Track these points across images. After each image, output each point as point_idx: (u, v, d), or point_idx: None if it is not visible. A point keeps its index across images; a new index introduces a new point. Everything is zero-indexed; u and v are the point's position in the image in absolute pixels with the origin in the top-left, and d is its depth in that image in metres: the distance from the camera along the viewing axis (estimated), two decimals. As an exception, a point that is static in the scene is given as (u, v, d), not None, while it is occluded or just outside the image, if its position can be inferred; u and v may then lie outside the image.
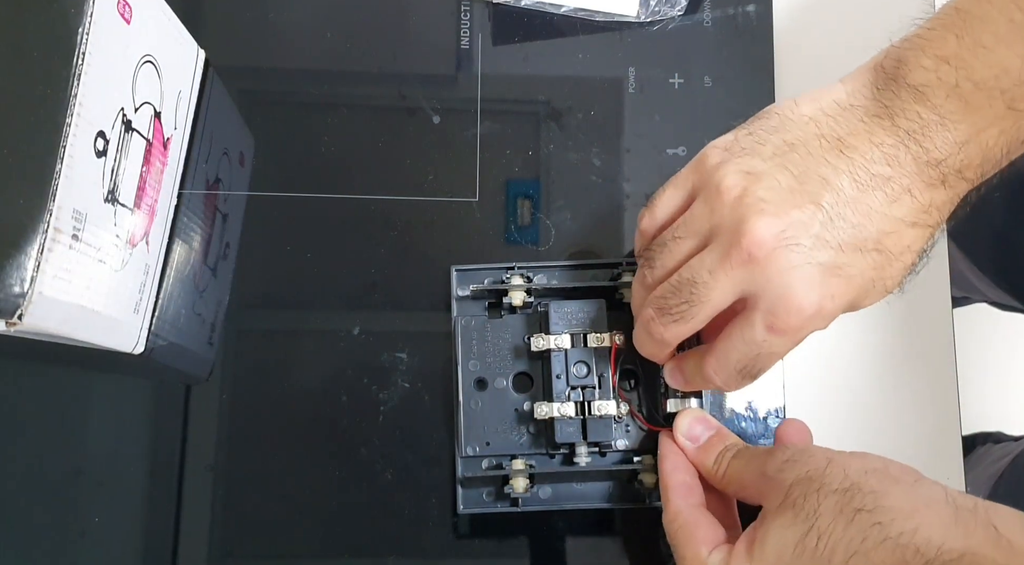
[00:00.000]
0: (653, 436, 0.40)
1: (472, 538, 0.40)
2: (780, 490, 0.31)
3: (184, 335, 0.41)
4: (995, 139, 0.31)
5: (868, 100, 0.32)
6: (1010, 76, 0.30)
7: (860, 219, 0.31)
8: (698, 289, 0.32)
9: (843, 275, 0.31)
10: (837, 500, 0.30)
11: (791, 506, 0.31)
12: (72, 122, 0.30)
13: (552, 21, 0.45)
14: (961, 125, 0.30)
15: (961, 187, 0.31)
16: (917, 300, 0.43)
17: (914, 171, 0.31)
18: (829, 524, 0.29)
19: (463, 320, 0.40)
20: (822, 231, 0.31)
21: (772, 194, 0.31)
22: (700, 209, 0.33)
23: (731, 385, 0.34)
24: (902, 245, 0.31)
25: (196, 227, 0.42)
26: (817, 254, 0.31)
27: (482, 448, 0.39)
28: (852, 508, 0.29)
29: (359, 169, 0.43)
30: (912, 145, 0.31)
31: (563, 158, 0.44)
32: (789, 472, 0.32)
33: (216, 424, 0.41)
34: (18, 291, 0.29)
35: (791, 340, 0.32)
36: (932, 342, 0.43)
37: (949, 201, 0.32)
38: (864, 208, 0.31)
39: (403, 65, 0.45)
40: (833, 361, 0.43)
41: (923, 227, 0.32)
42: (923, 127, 0.31)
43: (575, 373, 0.38)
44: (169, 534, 0.40)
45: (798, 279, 0.30)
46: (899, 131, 0.31)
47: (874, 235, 0.31)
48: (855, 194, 0.31)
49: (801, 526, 0.30)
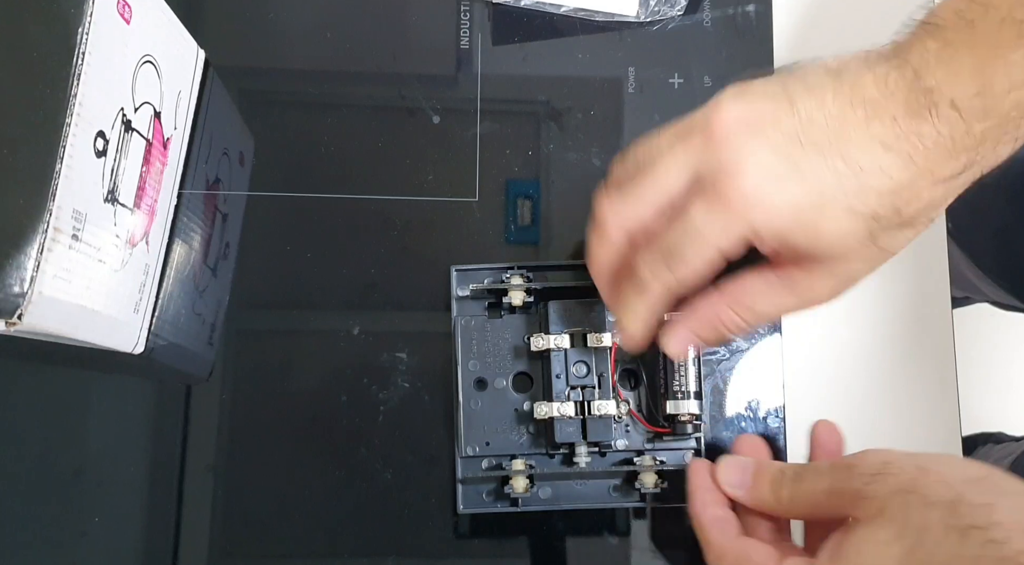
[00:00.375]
0: (653, 436, 0.40)
1: (472, 538, 0.40)
2: (873, 503, 0.29)
3: (184, 335, 0.41)
4: (1001, 73, 0.29)
5: (887, 45, 0.31)
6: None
7: (832, 126, 0.30)
8: (654, 161, 0.31)
9: (794, 167, 0.30)
10: (945, 513, 0.28)
11: (892, 520, 0.29)
12: (72, 122, 0.30)
13: (552, 21, 0.45)
14: (965, 53, 0.29)
15: (956, 127, 0.29)
16: (917, 300, 0.43)
17: (902, 98, 0.30)
18: (939, 539, 0.27)
19: (463, 320, 0.40)
20: (788, 127, 0.30)
21: (753, 94, 0.31)
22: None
23: (651, 271, 0.32)
24: (870, 163, 0.30)
25: (196, 227, 0.42)
26: (776, 144, 0.30)
27: (482, 448, 0.39)
28: (964, 524, 0.27)
29: (359, 169, 0.43)
30: (907, 72, 0.30)
31: (563, 158, 0.44)
32: (881, 485, 0.30)
33: (216, 424, 0.41)
34: (18, 291, 0.29)
35: (720, 219, 0.30)
36: (932, 342, 0.43)
37: (938, 138, 0.30)
38: (839, 120, 0.30)
39: (403, 65, 0.45)
40: (833, 361, 0.43)
41: (900, 154, 0.30)
42: (928, 57, 0.29)
43: (575, 373, 0.38)
44: (169, 534, 0.40)
45: (750, 161, 0.30)
46: (902, 63, 0.30)
47: (838, 141, 0.30)
48: (833, 107, 0.30)
49: (907, 541, 0.28)
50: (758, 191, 0.30)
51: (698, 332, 0.34)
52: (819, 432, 0.39)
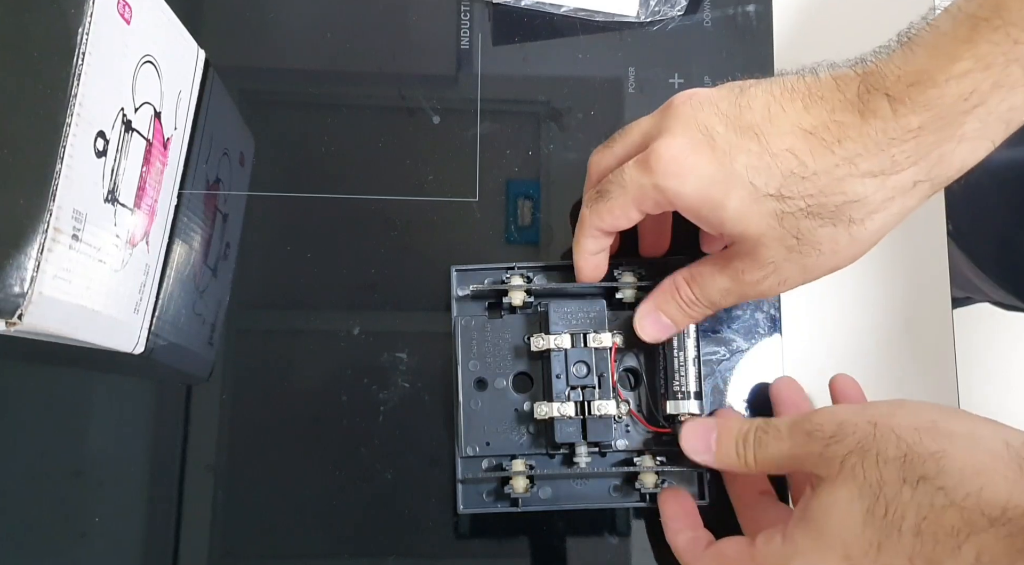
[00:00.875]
0: (653, 437, 0.40)
1: (472, 538, 0.40)
2: (832, 463, 0.31)
3: (184, 335, 0.41)
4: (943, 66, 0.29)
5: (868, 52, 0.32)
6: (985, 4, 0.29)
7: (765, 112, 0.32)
8: (629, 126, 0.37)
9: (711, 144, 0.32)
10: (898, 467, 0.29)
11: (851, 478, 0.30)
12: (72, 122, 0.30)
13: (552, 21, 0.45)
14: (920, 51, 0.30)
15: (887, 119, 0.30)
16: (917, 300, 0.43)
17: (844, 93, 0.31)
18: (895, 493, 0.29)
19: (463, 320, 0.40)
20: (727, 107, 0.33)
21: (726, 85, 0.34)
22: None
23: (586, 204, 0.36)
24: (784, 145, 0.31)
25: (196, 227, 0.42)
26: (707, 118, 0.33)
27: (482, 448, 0.39)
28: (914, 476, 0.29)
29: (359, 169, 0.43)
30: (859, 69, 0.31)
31: (563, 158, 0.44)
32: (839, 446, 0.31)
33: (216, 424, 0.41)
34: (18, 291, 0.29)
35: (640, 177, 0.33)
36: (932, 342, 0.43)
37: (864, 128, 0.30)
38: (776, 107, 0.32)
39: (403, 65, 0.45)
40: (833, 361, 0.43)
41: (817, 140, 0.31)
42: (886, 58, 0.31)
43: (575, 373, 0.38)
44: (169, 534, 0.40)
45: (679, 124, 0.33)
46: (862, 63, 0.31)
47: (759, 125, 0.32)
48: (778, 96, 0.32)
49: (867, 498, 0.29)
50: (673, 160, 0.32)
51: (660, 305, 0.37)
52: (779, 388, 0.40)
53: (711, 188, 0.32)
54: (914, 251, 0.44)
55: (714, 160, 0.32)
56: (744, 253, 0.34)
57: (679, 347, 0.38)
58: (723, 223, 0.33)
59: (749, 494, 0.38)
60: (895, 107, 0.30)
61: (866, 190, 0.31)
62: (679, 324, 0.37)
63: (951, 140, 0.30)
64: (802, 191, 0.31)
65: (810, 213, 0.31)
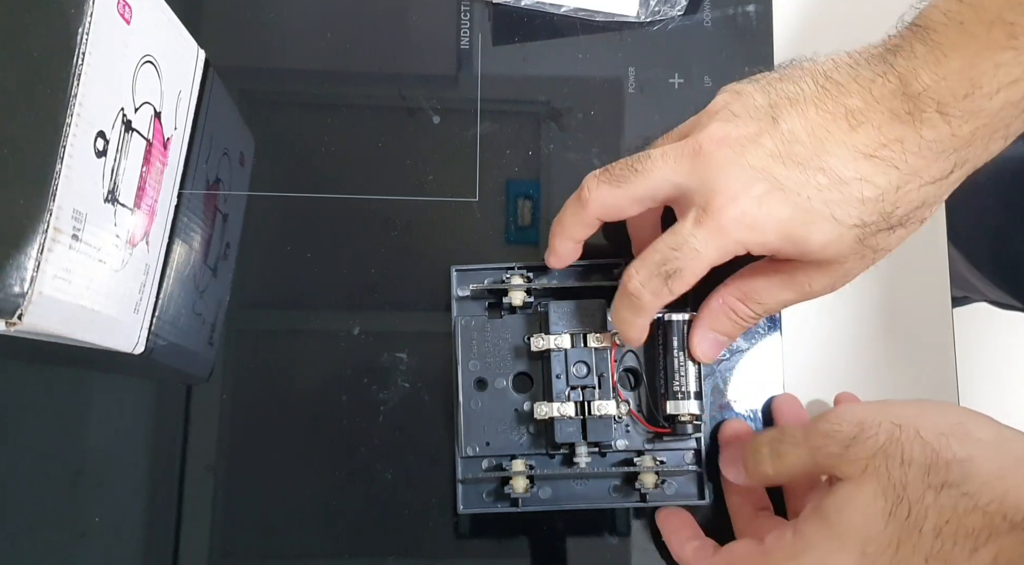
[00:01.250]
0: (653, 436, 0.40)
1: (472, 538, 0.40)
2: (856, 464, 0.31)
3: (184, 335, 0.41)
4: (989, 73, 0.29)
5: (877, 46, 0.32)
6: (1018, 7, 0.28)
7: (812, 140, 0.31)
8: (643, 162, 0.33)
9: (777, 186, 0.31)
10: (923, 471, 0.30)
11: (874, 478, 0.30)
12: (72, 122, 0.30)
13: (552, 21, 0.45)
14: (954, 56, 0.30)
15: (941, 130, 0.30)
16: (917, 300, 0.43)
17: (886, 106, 0.31)
18: (919, 496, 0.29)
19: (463, 320, 0.40)
20: (772, 145, 0.31)
21: (743, 109, 0.33)
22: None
23: (651, 292, 0.34)
24: (852, 174, 0.31)
25: (196, 227, 0.42)
26: (757, 160, 0.31)
27: (482, 448, 0.39)
28: (939, 480, 0.29)
29: (359, 169, 0.43)
30: (892, 78, 0.31)
31: (563, 158, 0.44)
32: (861, 448, 0.31)
33: (216, 424, 0.41)
34: (18, 291, 0.29)
35: (714, 241, 0.32)
36: (932, 342, 0.43)
37: (922, 143, 0.30)
38: (821, 132, 0.31)
39: (403, 65, 0.45)
40: (833, 361, 0.43)
41: (882, 161, 0.31)
42: (916, 62, 0.30)
43: (575, 373, 0.38)
44: (169, 534, 0.40)
45: (731, 176, 0.31)
46: (889, 68, 0.31)
47: (819, 155, 0.31)
48: (817, 119, 0.31)
49: (890, 499, 0.30)
50: (745, 215, 0.31)
51: (717, 328, 0.37)
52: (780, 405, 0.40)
53: (792, 230, 0.31)
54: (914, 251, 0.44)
55: (787, 201, 0.31)
56: (818, 268, 0.33)
57: (679, 347, 0.38)
58: (807, 254, 0.32)
59: (748, 511, 0.38)
60: (947, 119, 0.30)
61: (931, 193, 0.31)
62: (734, 337, 0.37)
63: (999, 139, 0.31)
64: (880, 212, 0.31)
65: (888, 227, 0.32)
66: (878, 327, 0.43)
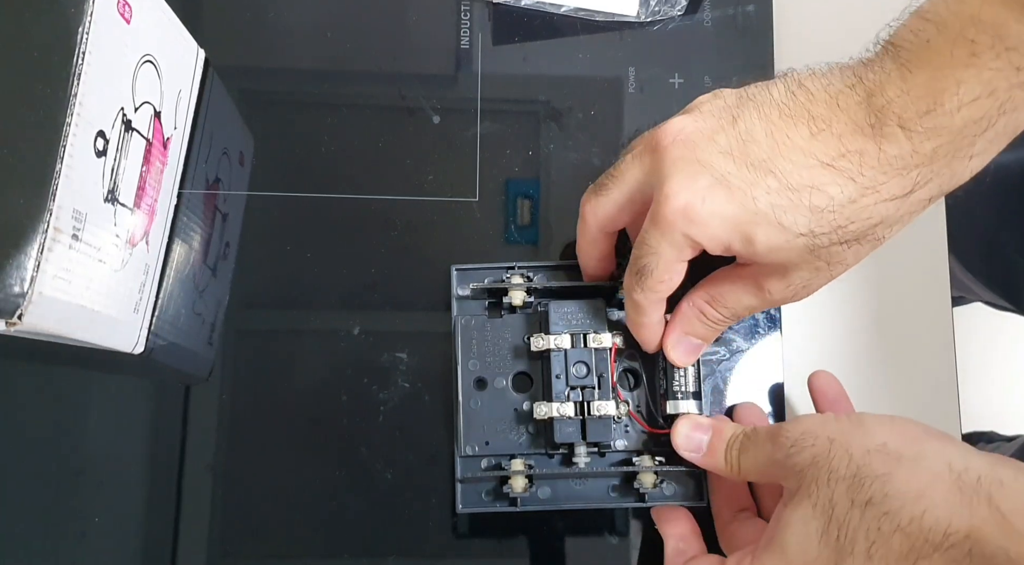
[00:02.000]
0: (652, 437, 0.40)
1: (471, 538, 0.40)
2: (793, 476, 0.32)
3: (184, 335, 0.41)
4: (951, 90, 0.29)
5: (852, 61, 0.32)
6: (978, 25, 0.29)
7: (769, 142, 0.31)
8: (619, 167, 0.35)
9: (725, 184, 0.31)
10: (847, 488, 0.30)
11: (807, 496, 0.31)
12: (72, 122, 0.30)
13: (552, 21, 0.45)
14: (918, 72, 0.30)
15: (903, 145, 0.30)
16: (917, 300, 0.43)
17: (850, 117, 0.30)
18: (845, 514, 0.29)
19: (463, 319, 0.40)
20: (726, 142, 0.32)
21: (710, 108, 0.33)
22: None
23: (635, 290, 0.35)
24: (805, 181, 0.30)
25: (196, 227, 0.42)
26: (708, 157, 0.31)
27: (481, 448, 0.39)
28: (862, 499, 0.29)
29: (359, 169, 0.43)
30: (860, 90, 0.31)
31: (563, 158, 0.44)
32: (797, 457, 0.31)
33: (216, 424, 0.41)
34: (18, 291, 0.29)
35: (664, 236, 0.32)
36: (932, 342, 0.43)
37: (882, 156, 0.30)
38: (780, 135, 0.31)
39: (403, 65, 0.45)
40: (833, 361, 0.43)
41: (839, 172, 0.30)
42: (883, 77, 0.30)
43: (574, 373, 0.38)
44: (169, 534, 0.40)
45: (679, 171, 0.32)
46: (858, 81, 0.31)
47: (774, 158, 0.31)
48: (779, 122, 0.31)
49: (821, 518, 0.30)
50: (688, 208, 0.31)
51: (688, 330, 0.37)
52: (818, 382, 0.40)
53: (737, 227, 0.31)
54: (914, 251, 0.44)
55: (733, 200, 0.31)
56: (771, 274, 0.33)
57: (679, 347, 0.38)
58: (754, 256, 0.32)
59: (728, 510, 0.38)
60: (908, 135, 0.30)
61: (889, 211, 0.31)
62: (709, 341, 0.37)
63: (963, 159, 0.31)
64: (831, 224, 0.31)
65: (840, 241, 0.31)
66: (878, 327, 0.43)
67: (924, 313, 0.43)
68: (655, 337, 0.37)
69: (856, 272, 0.43)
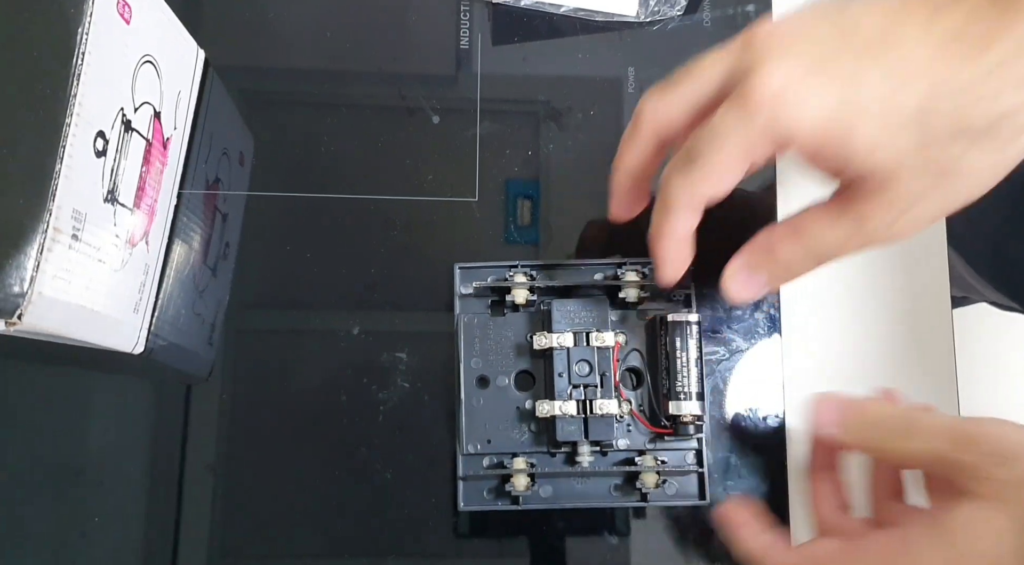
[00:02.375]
0: (654, 436, 0.40)
1: (472, 537, 0.40)
2: (992, 485, 0.29)
3: (184, 335, 0.41)
4: None
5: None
6: None
7: (883, 23, 0.27)
8: (696, 63, 0.30)
9: (829, 70, 0.27)
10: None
11: (1010, 508, 0.28)
12: (72, 122, 0.30)
13: (552, 21, 0.45)
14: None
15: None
16: (917, 300, 0.43)
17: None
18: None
19: (466, 317, 0.40)
20: (829, 31, 0.28)
21: (807, 8, 0.29)
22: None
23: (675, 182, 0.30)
24: (920, 55, 0.26)
25: (196, 227, 0.42)
26: (808, 46, 0.28)
27: (483, 446, 0.39)
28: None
29: (359, 169, 0.43)
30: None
31: (563, 158, 0.44)
32: (1008, 471, 0.29)
33: (216, 424, 0.40)
34: (18, 291, 0.29)
35: (743, 120, 0.28)
36: (932, 342, 0.43)
37: (1018, 36, 0.26)
38: (896, 14, 0.27)
39: (403, 65, 0.45)
40: (833, 361, 0.43)
41: (965, 47, 0.26)
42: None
43: (577, 372, 0.38)
44: (169, 534, 0.40)
45: (776, 56, 0.27)
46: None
47: (891, 38, 0.27)
48: (891, 9, 0.27)
49: (1022, 534, 0.28)
50: (783, 91, 0.27)
51: (755, 263, 0.32)
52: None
53: (835, 117, 0.27)
54: (914, 251, 0.44)
55: (834, 84, 0.27)
56: (871, 192, 0.28)
57: (682, 348, 0.38)
58: (851, 159, 0.27)
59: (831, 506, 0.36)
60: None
61: (1018, 101, 0.26)
62: (774, 283, 0.32)
63: None
64: (949, 107, 0.26)
65: (958, 134, 0.27)
66: (878, 327, 0.43)
67: (924, 313, 0.43)
68: (672, 257, 0.32)
69: (856, 272, 0.43)
